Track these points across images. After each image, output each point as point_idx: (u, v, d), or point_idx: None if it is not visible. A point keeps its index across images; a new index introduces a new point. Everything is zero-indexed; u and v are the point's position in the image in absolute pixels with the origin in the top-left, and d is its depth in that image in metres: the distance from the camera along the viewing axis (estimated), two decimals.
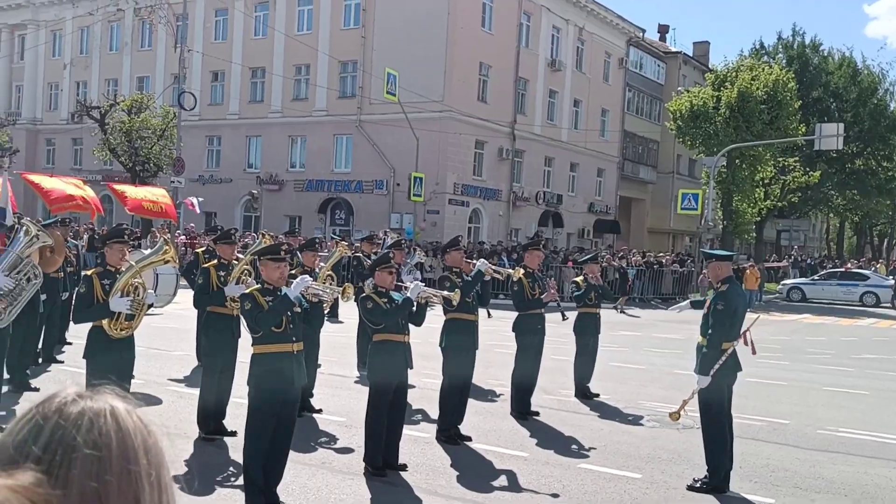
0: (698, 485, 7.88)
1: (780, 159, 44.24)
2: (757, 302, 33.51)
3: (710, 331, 7.90)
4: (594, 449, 9.30)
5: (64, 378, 11.83)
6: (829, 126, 36.02)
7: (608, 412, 11.41)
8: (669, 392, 12.40)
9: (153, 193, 19.57)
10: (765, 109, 39.30)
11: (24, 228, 9.21)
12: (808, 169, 45.26)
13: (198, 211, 29.12)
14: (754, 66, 41.38)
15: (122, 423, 1.19)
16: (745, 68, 41.16)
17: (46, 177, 17.48)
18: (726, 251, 14.87)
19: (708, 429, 7.99)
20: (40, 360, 12.73)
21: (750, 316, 8.77)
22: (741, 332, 8.14)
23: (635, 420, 10.95)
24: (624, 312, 28.09)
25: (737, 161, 40.07)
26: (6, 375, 10.00)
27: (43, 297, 11.36)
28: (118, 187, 20.04)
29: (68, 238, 14.84)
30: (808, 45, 52.27)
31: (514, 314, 11.12)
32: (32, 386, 11.00)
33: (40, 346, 12.71)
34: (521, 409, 10.80)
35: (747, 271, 32.03)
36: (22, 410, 1.23)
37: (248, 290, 7.10)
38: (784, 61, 49.14)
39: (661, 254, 39.22)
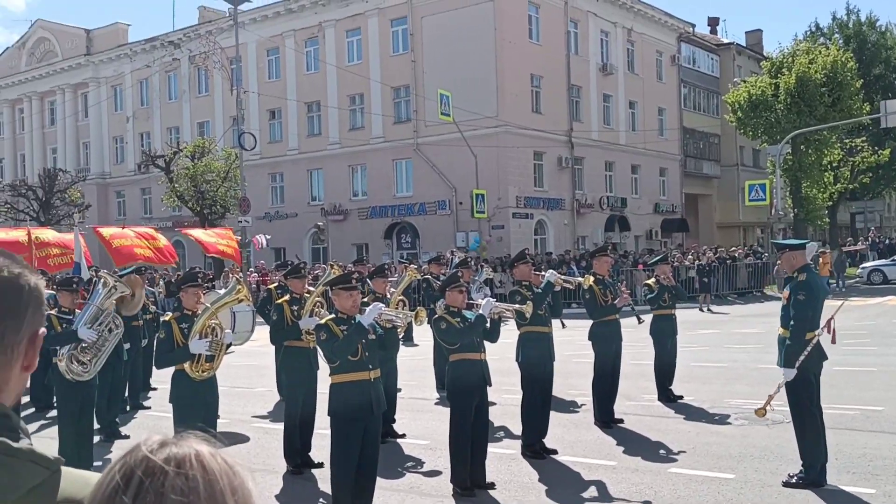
0: (794, 480, 7.68)
1: (847, 141, 43.28)
2: (836, 288, 32.74)
3: (792, 322, 7.72)
4: (683, 452, 9.15)
5: (152, 424, 12.08)
6: (894, 102, 35.11)
7: (694, 413, 11.22)
8: (755, 388, 12.15)
9: (221, 235, 19.98)
10: (825, 92, 38.52)
11: (102, 280, 9.46)
12: (876, 148, 44.15)
13: (265, 246, 29.64)
14: (811, 50, 40.62)
15: (207, 467, 1.20)
16: (801, 52, 40.43)
17: (119, 229, 17.94)
18: (799, 240, 14.55)
19: (799, 422, 7.79)
20: (128, 408, 13.01)
21: (834, 303, 8.55)
22: (826, 320, 7.94)
23: (722, 419, 10.74)
24: (709, 310, 27.69)
25: (802, 147, 39.31)
26: (96, 425, 10.25)
27: (126, 346, 11.64)
28: (192, 232, 20.52)
29: (144, 286, 15.18)
30: (864, 22, 51.12)
31: (589, 322, 11.03)
32: (122, 434, 11.24)
33: (127, 393, 12.99)
34: (605, 418, 10.68)
35: (820, 259, 31.29)
36: (112, 460, 1.25)
37: (322, 321, 7.17)
38: (841, 41, 48.09)
39: (734, 248, 38.55)
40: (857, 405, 10.93)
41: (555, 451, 9.27)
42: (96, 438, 10.07)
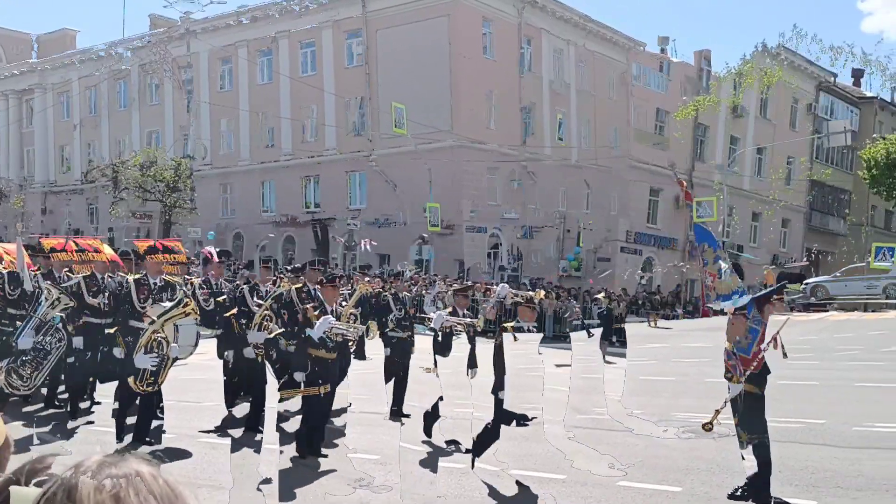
0: (739, 493, 7.77)
1: None
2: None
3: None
4: (632, 465, 9.20)
5: (95, 439, 11.84)
6: None
7: (642, 427, 11.30)
8: (703, 401, 12.26)
9: (171, 249, 19.54)
10: None
11: (46, 292, 9.29)
12: None
13: (216, 260, 29.26)
14: None
15: (147, 489, 1.18)
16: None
17: (62, 240, 17.53)
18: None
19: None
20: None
21: (779, 319, 8.68)
22: (771, 335, 8.04)
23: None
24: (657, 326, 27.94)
25: None
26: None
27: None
28: (141, 245, 19.99)
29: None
30: None
31: (540, 336, 11.05)
32: (66, 450, 10.98)
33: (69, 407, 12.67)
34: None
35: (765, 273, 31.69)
36: (50, 479, 1.22)
37: (271, 335, 7.12)
38: None
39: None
40: (799, 418, 11.10)
41: (504, 464, 9.26)
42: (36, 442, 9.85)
